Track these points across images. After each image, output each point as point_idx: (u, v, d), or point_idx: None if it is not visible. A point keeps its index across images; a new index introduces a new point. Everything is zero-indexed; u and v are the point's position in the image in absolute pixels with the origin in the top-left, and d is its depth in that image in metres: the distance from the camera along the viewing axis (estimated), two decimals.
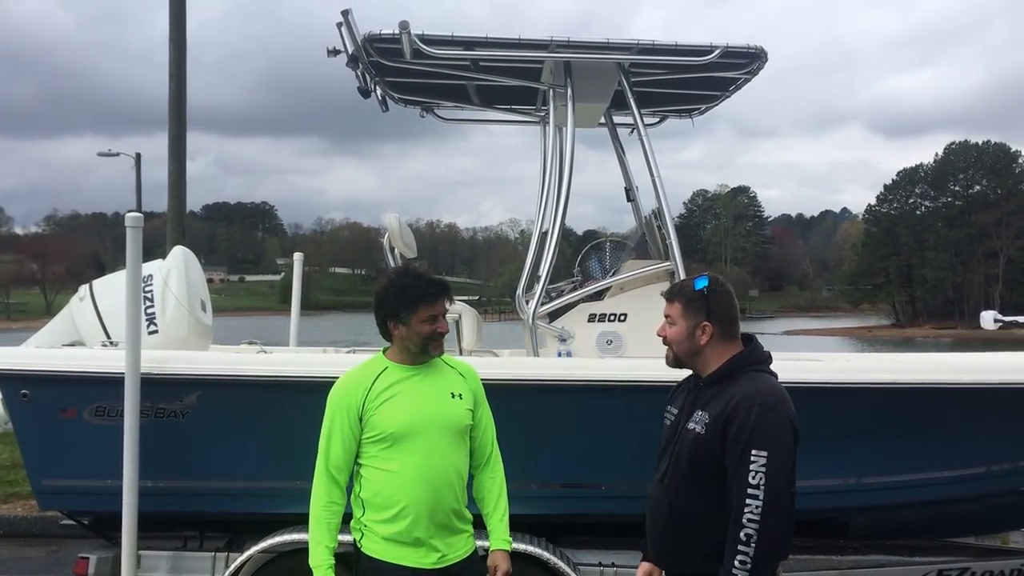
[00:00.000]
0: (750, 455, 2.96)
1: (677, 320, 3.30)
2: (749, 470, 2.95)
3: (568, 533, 5.24)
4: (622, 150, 6.73)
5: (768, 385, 3.15)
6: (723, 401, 3.11)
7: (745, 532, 2.93)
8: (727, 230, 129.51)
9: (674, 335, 3.30)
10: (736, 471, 2.99)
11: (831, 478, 4.90)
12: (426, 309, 3.40)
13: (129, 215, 4.62)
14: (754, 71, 5.76)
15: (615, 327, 5.63)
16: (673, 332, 3.30)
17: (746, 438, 2.98)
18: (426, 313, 3.40)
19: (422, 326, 3.40)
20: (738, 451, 2.99)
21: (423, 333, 3.41)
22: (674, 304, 3.31)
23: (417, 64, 5.58)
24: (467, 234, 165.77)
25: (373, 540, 3.40)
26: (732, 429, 3.02)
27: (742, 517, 2.93)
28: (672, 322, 3.31)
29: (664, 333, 3.33)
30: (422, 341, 3.43)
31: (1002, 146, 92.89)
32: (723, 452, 3.04)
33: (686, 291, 3.31)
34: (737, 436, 3.00)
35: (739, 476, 2.97)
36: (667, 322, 3.33)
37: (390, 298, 3.44)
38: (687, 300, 3.29)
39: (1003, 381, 5.06)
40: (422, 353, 3.46)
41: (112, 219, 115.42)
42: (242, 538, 5.00)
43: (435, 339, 3.44)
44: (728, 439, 3.03)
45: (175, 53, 12.67)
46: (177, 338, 5.23)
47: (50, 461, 4.86)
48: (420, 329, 3.40)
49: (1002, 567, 5.42)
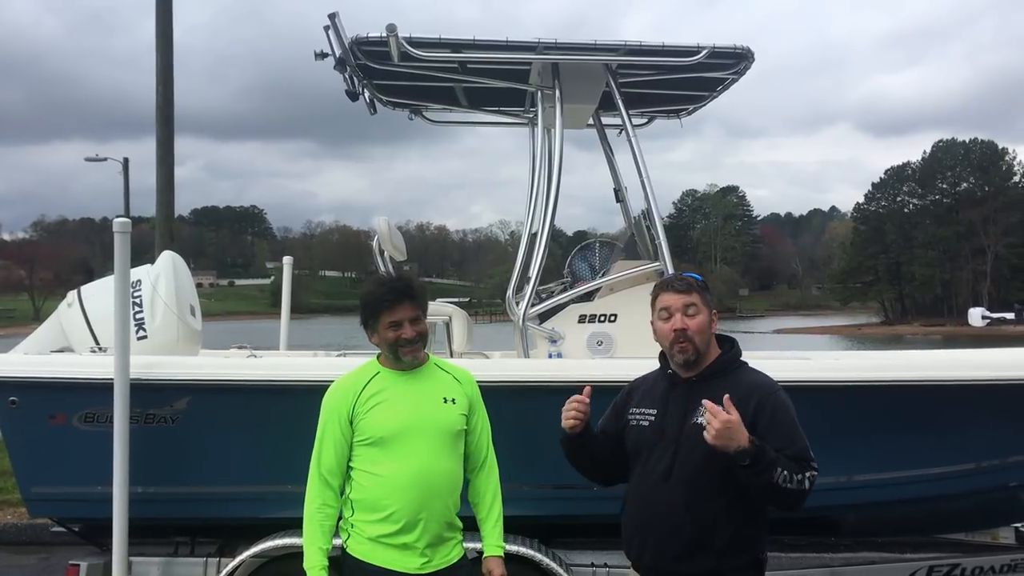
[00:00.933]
0: (802, 435, 3.18)
1: (701, 308, 3.26)
2: (802, 446, 3.15)
3: (560, 534, 5.25)
4: (611, 151, 6.74)
5: (764, 375, 3.35)
6: (741, 391, 3.15)
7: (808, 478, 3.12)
8: (716, 230, 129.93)
9: (699, 325, 3.25)
10: (789, 444, 3.13)
11: (822, 476, 4.89)
12: (387, 315, 3.40)
13: (117, 220, 4.60)
14: (741, 71, 5.78)
15: (605, 328, 5.64)
16: (698, 322, 3.25)
17: (789, 419, 3.19)
18: (387, 320, 3.40)
19: (386, 333, 3.42)
20: (784, 430, 3.16)
21: (388, 339, 3.42)
22: (692, 294, 3.27)
23: (405, 67, 5.57)
24: (457, 236, 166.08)
25: (359, 541, 3.41)
26: (765, 415, 3.15)
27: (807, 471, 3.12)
28: (696, 311, 3.25)
29: (684, 325, 3.23)
30: (390, 348, 3.44)
31: (989, 144, 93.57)
32: None
33: (696, 282, 3.34)
34: (776, 418, 3.16)
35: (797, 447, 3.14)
36: (687, 313, 3.24)
37: (361, 306, 3.49)
38: (702, 289, 3.31)
39: (992, 378, 5.08)
40: (395, 359, 3.46)
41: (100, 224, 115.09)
42: (234, 543, 4.98)
43: (402, 345, 3.42)
44: (761, 424, 3.13)
45: (162, 59, 12.70)
46: (166, 343, 5.21)
47: (40, 468, 4.84)
48: (385, 335, 3.42)
49: (992, 563, 5.44)
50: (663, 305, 3.30)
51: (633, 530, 3.36)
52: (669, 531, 3.20)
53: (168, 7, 12.73)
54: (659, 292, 3.36)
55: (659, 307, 3.32)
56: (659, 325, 3.32)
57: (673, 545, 3.20)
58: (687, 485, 3.17)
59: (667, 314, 3.28)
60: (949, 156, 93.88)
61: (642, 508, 3.30)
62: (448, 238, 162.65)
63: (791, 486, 3.05)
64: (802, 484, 3.08)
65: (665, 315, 3.28)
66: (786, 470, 3.04)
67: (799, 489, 3.08)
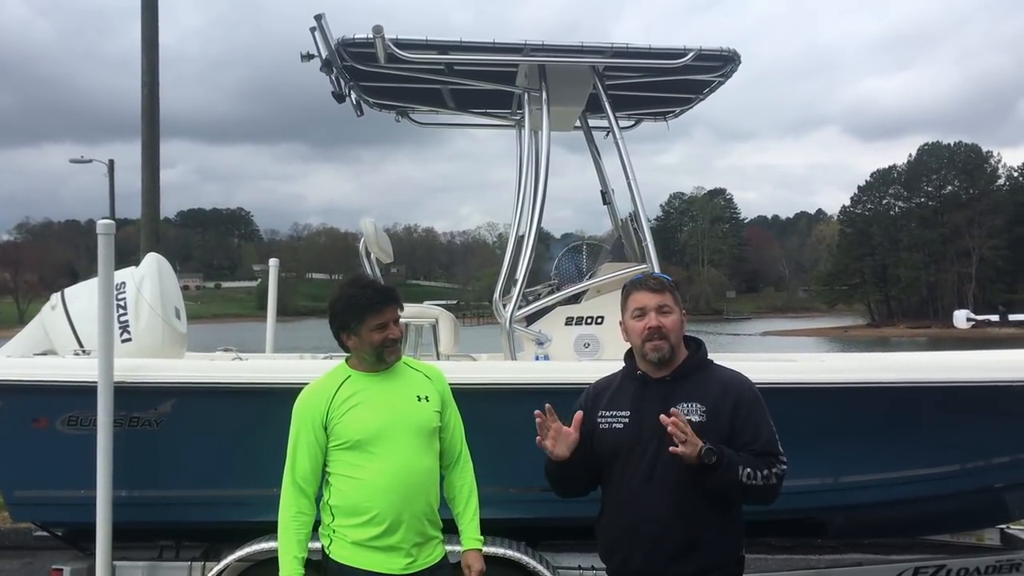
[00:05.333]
0: (770, 426, 3.23)
1: (674, 308, 3.29)
2: (768, 439, 3.21)
3: (547, 536, 5.24)
4: (598, 153, 6.75)
5: (732, 370, 3.41)
6: (715, 387, 3.23)
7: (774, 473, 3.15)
8: (704, 232, 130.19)
9: (673, 323, 3.27)
10: (755, 438, 3.18)
11: (808, 478, 4.91)
12: (374, 318, 3.39)
13: (101, 222, 4.57)
14: (727, 74, 5.80)
15: (592, 330, 5.64)
16: (672, 320, 3.27)
17: (759, 412, 3.24)
18: (374, 322, 3.39)
19: (372, 335, 3.40)
20: (754, 423, 3.21)
21: (374, 342, 3.41)
22: (665, 293, 3.29)
23: (391, 68, 5.56)
24: (445, 238, 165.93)
25: (342, 546, 3.40)
26: (743, 409, 3.20)
27: (773, 467, 3.15)
28: (669, 310, 3.27)
29: (659, 323, 3.23)
30: (374, 350, 3.42)
31: (974, 147, 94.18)
32: (730, 433, 3.16)
33: (668, 282, 3.37)
34: (750, 413, 3.22)
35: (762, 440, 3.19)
36: (660, 312, 3.25)
37: (339, 310, 3.45)
38: (673, 288, 3.35)
39: (977, 379, 5.10)
40: (378, 361, 3.46)
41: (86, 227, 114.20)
42: (219, 547, 4.95)
43: (388, 346, 3.43)
44: (739, 418, 3.19)
45: (147, 61, 12.68)
46: (151, 346, 5.18)
47: (22, 471, 4.81)
48: (370, 338, 3.40)
49: (977, 564, 5.47)
50: (637, 305, 3.30)
51: (614, 536, 3.32)
52: (658, 533, 3.17)
53: (154, 10, 12.71)
54: (631, 291, 3.36)
55: (632, 307, 3.32)
56: (632, 324, 3.31)
57: (664, 547, 3.17)
58: (673, 485, 3.15)
59: (641, 313, 3.28)
60: (934, 159, 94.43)
61: (624, 512, 3.26)
62: (436, 240, 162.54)
63: (757, 483, 3.10)
64: (768, 479, 3.13)
65: (639, 314, 3.29)
66: (749, 467, 3.09)
67: (766, 485, 3.13)
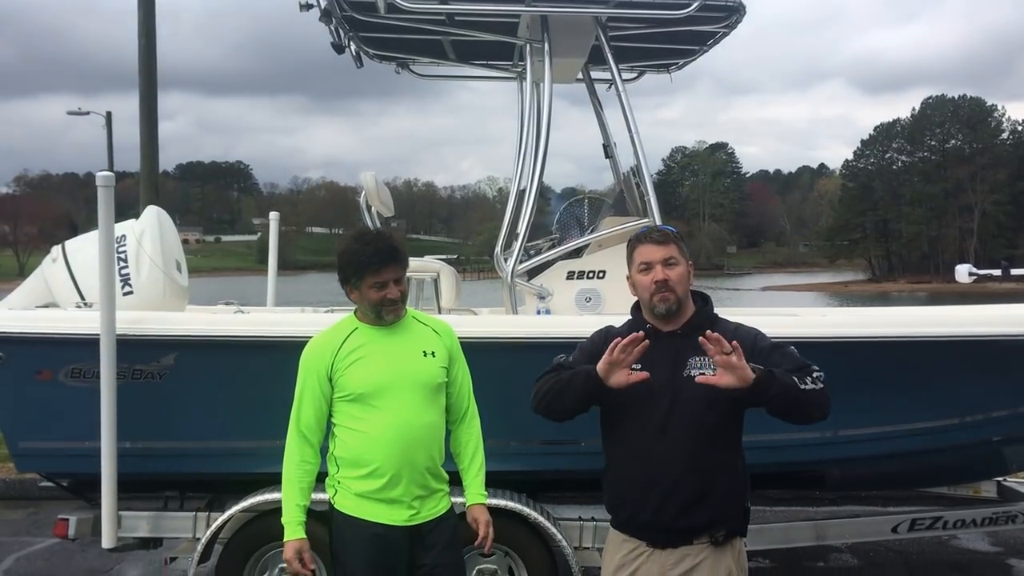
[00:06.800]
0: (794, 352, 3.26)
1: (680, 259, 3.26)
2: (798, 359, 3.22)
3: (548, 489, 5.29)
4: (600, 106, 6.68)
5: (740, 323, 3.40)
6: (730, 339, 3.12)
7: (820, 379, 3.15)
8: (705, 187, 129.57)
9: (679, 275, 3.24)
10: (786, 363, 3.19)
11: (807, 431, 4.94)
12: (372, 276, 3.38)
13: (100, 174, 4.54)
14: (732, 24, 5.71)
15: (594, 284, 5.63)
16: (679, 272, 3.24)
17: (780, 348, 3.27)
18: (372, 280, 3.38)
19: (370, 292, 3.40)
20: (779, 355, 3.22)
21: (372, 299, 3.40)
22: (670, 245, 3.26)
23: (391, 18, 5.48)
24: (445, 192, 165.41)
25: (346, 496, 3.44)
26: (762, 354, 3.19)
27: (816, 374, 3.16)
28: (675, 262, 3.24)
29: (665, 276, 3.21)
30: (372, 307, 3.42)
31: (978, 100, 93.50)
32: None
33: (673, 234, 3.33)
34: (771, 353, 3.23)
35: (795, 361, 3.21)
36: (666, 264, 3.22)
37: (343, 263, 3.44)
38: (679, 240, 3.31)
39: (977, 334, 5.10)
40: (377, 318, 3.45)
41: (84, 180, 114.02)
42: (223, 498, 5.01)
43: (386, 305, 3.41)
44: (760, 360, 3.13)
45: (144, 12, 12.56)
46: (152, 299, 5.17)
47: (27, 423, 4.83)
48: (369, 295, 3.40)
49: (974, 515, 5.53)
50: (643, 259, 3.27)
51: (625, 488, 3.30)
52: (671, 486, 3.17)
53: None
54: (637, 245, 3.33)
55: (638, 260, 3.29)
56: (639, 278, 3.29)
57: (676, 498, 3.17)
58: (687, 438, 3.15)
59: (647, 267, 3.26)
60: (938, 113, 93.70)
61: (635, 465, 3.25)
62: (436, 195, 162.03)
63: (816, 386, 3.11)
64: (817, 383, 3.12)
65: (645, 268, 3.26)
66: (796, 376, 3.10)
67: (821, 389, 3.13)
